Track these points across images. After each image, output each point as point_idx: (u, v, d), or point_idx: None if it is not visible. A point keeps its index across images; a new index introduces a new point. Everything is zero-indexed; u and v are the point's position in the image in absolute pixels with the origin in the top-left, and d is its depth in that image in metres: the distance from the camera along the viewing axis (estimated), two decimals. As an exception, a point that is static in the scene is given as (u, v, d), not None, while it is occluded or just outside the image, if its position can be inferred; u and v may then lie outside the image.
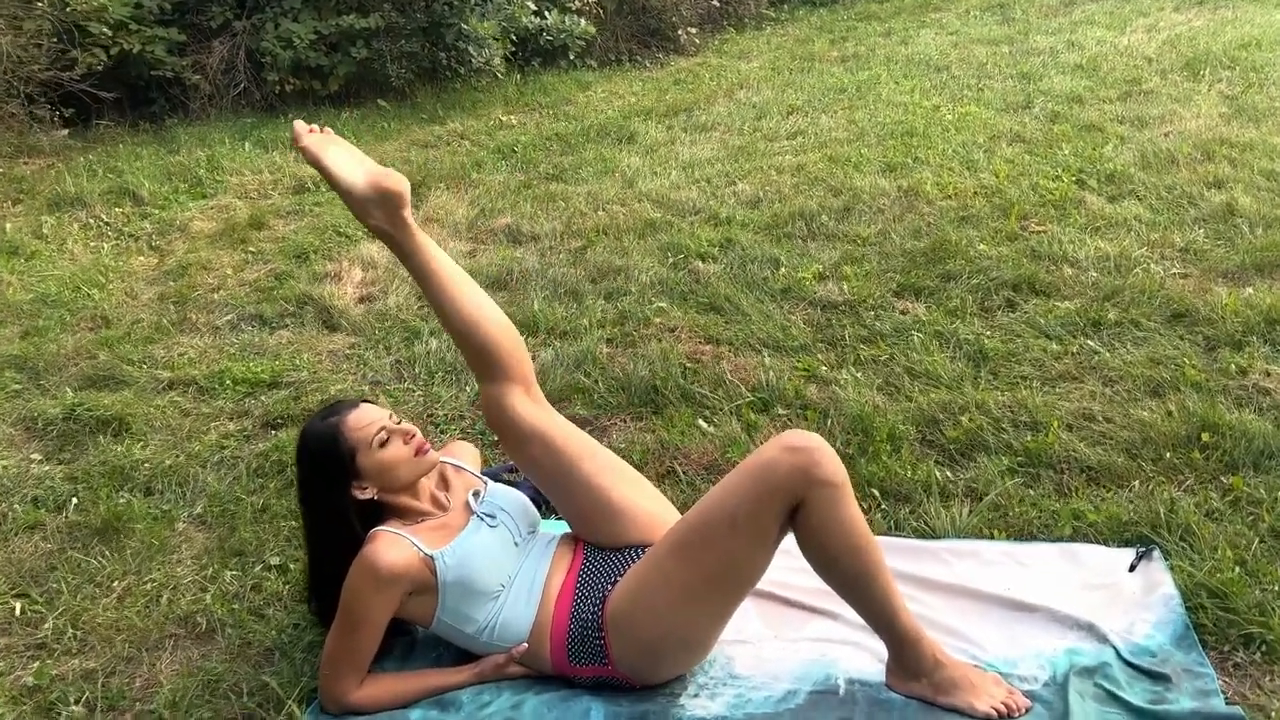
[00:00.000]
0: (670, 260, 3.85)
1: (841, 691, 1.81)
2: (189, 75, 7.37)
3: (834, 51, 8.19)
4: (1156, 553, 2.06)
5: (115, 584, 2.21)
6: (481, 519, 1.93)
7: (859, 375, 2.87)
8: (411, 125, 6.62)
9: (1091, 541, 2.12)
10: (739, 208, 4.41)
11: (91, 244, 4.53)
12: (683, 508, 2.25)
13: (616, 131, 6.02)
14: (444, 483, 2.06)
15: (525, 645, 1.85)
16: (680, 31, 8.89)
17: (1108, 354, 2.87)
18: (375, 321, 3.52)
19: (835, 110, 6.14)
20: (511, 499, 2.00)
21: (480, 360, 1.92)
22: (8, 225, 4.72)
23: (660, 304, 3.46)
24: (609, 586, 1.83)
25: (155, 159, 5.80)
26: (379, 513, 1.92)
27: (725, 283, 3.58)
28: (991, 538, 2.17)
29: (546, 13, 7.73)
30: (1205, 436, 2.40)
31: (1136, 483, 2.30)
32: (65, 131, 6.98)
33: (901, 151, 5.00)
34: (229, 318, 3.64)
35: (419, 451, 1.90)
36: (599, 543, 1.94)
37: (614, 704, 1.81)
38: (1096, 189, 4.16)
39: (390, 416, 1.93)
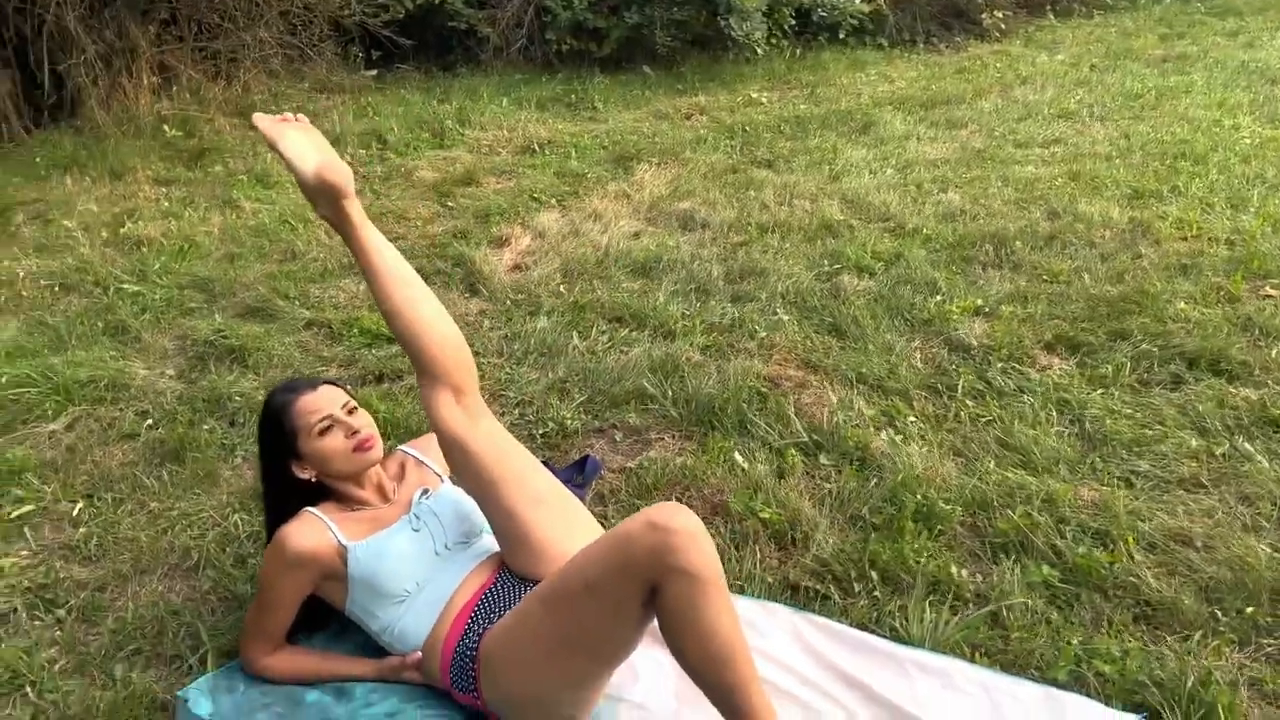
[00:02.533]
0: (821, 270, 3.60)
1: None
2: (482, 27, 7.84)
3: (1158, 49, 7.24)
4: (1153, 728, 1.67)
5: (153, 505, 2.44)
6: (408, 520, 1.92)
7: (942, 435, 2.54)
8: (662, 95, 6.64)
9: (1090, 694, 1.75)
10: (932, 220, 4.03)
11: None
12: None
13: (857, 120, 5.71)
14: (401, 473, 2.07)
15: (419, 655, 1.83)
16: (985, 15, 8.22)
17: (1264, 463, 2.34)
18: (511, 293, 3.58)
19: (1116, 118, 5.44)
20: (450, 505, 1.97)
21: (414, 358, 1.89)
22: (266, 155, 5.28)
23: (781, 316, 3.25)
24: (498, 617, 1.77)
25: (422, 105, 6.23)
26: (323, 491, 1.96)
27: (864, 303, 3.30)
28: (973, 659, 1.85)
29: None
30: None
31: (1197, 635, 1.87)
32: (373, 73, 7.68)
33: (1161, 177, 4.34)
34: (393, 268, 3.85)
35: (359, 448, 1.92)
36: (513, 568, 1.87)
37: (482, 733, 1.75)
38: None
39: (344, 406, 1.95)
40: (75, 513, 2.42)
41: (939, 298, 3.31)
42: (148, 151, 5.39)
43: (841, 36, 7.63)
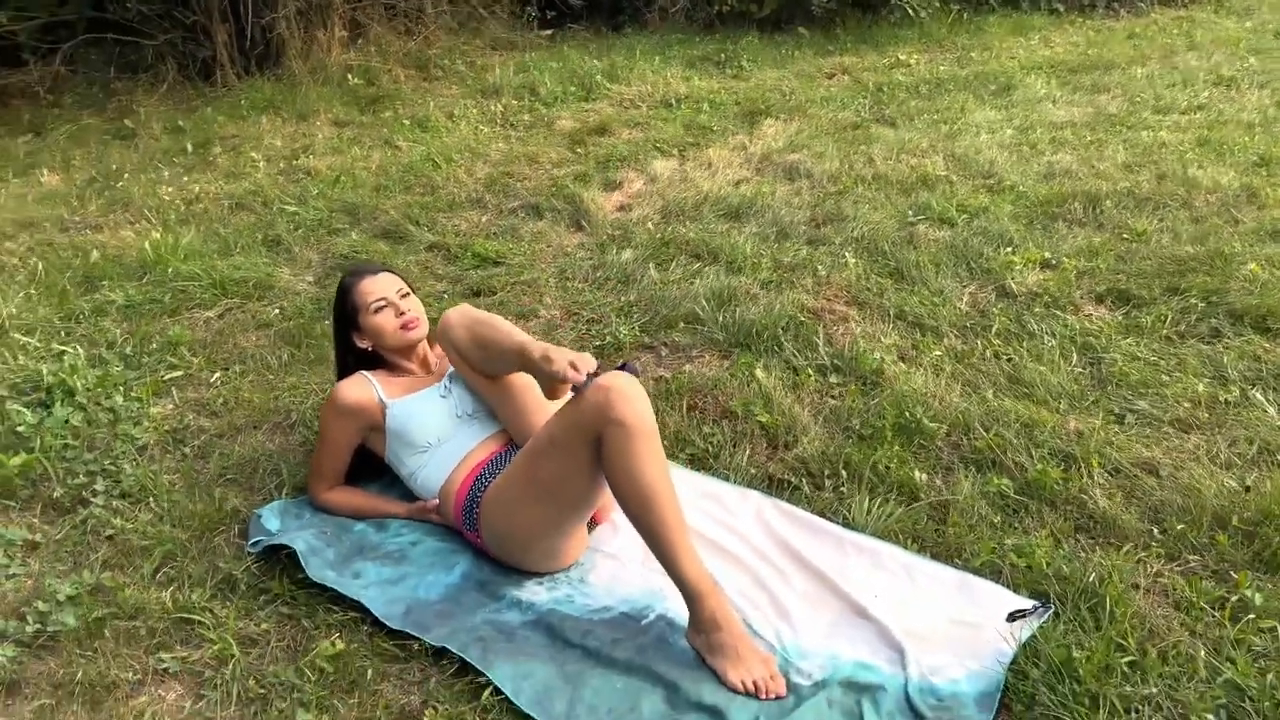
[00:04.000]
0: (904, 219, 3.75)
1: (644, 622, 1.94)
2: (648, -10, 8.16)
3: (1362, 16, 6.73)
4: (1048, 615, 1.84)
5: (270, 377, 2.94)
6: (440, 387, 2.31)
7: (958, 368, 2.71)
8: (810, 55, 6.78)
9: (1003, 583, 1.93)
10: (1031, 178, 4.08)
11: (477, 128, 5.46)
12: (671, 447, 2.43)
13: (997, 83, 5.69)
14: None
15: (437, 502, 2.22)
16: (1173, -23, 7.84)
17: (1271, 412, 2.39)
18: (609, 229, 3.93)
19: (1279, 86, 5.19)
20: (474, 382, 2.34)
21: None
22: (431, 103, 5.83)
23: (848, 258, 3.44)
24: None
25: (577, 62, 6.63)
26: (378, 359, 2.38)
27: (934, 251, 3.44)
28: (906, 546, 2.06)
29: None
30: (1265, 531, 1.98)
31: (1127, 546, 2.00)
32: (548, 33, 8.16)
33: (1296, 145, 4.19)
34: (514, 204, 4.28)
35: (404, 326, 2.31)
36: (517, 442, 2.21)
37: (478, 567, 2.12)
38: None
39: (398, 291, 2.36)
40: (213, 379, 2.95)
41: (1009, 249, 3.41)
42: (331, 97, 6.05)
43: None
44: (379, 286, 2.35)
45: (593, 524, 2.22)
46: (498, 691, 1.75)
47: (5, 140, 5.64)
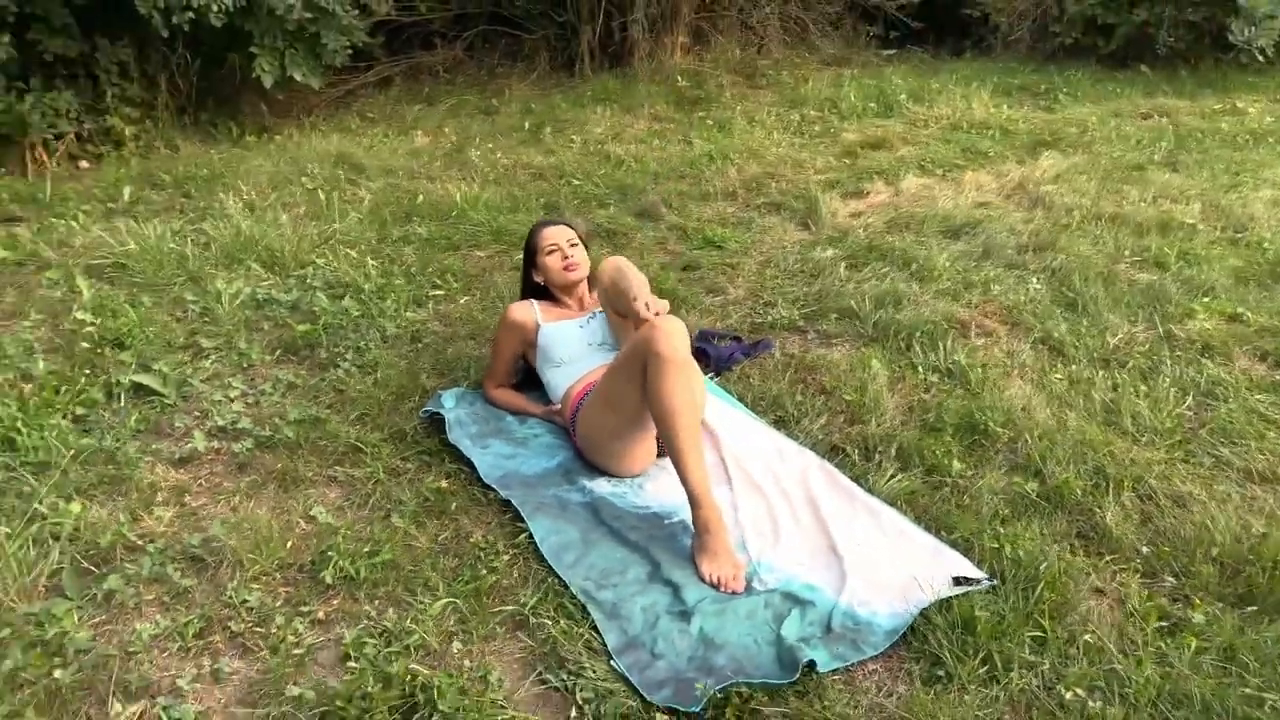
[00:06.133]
0: (1115, 257, 3.78)
1: (666, 521, 2.39)
2: (997, 16, 8.19)
3: None
4: (988, 586, 2.06)
5: (499, 305, 3.67)
6: (582, 320, 2.88)
7: (1065, 393, 2.83)
8: (1135, 94, 6.59)
9: (971, 557, 2.16)
10: (1232, 246, 3.88)
11: (770, 133, 5.97)
12: (767, 408, 2.84)
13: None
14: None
15: (557, 406, 2.80)
16: None
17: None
18: (830, 231, 4.29)
19: None
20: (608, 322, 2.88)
21: None
22: (739, 108, 6.43)
23: (1032, 284, 3.56)
24: (604, 390, 2.66)
25: (887, 81, 6.92)
26: (547, 292, 3.01)
27: (1124, 290, 3.48)
28: (905, 513, 2.33)
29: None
30: (1249, 570, 2.04)
31: (1110, 556, 2.14)
32: (890, 53, 8.47)
33: None
34: (761, 201, 4.76)
35: (565, 269, 2.91)
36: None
37: (571, 460, 2.67)
38: None
39: (569, 240, 2.96)
40: (460, 300, 3.75)
41: (1204, 299, 3.37)
42: (657, 95, 6.84)
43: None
44: (555, 235, 2.97)
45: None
46: (532, 538, 2.29)
47: (403, 106, 7.00)
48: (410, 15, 7.47)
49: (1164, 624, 1.95)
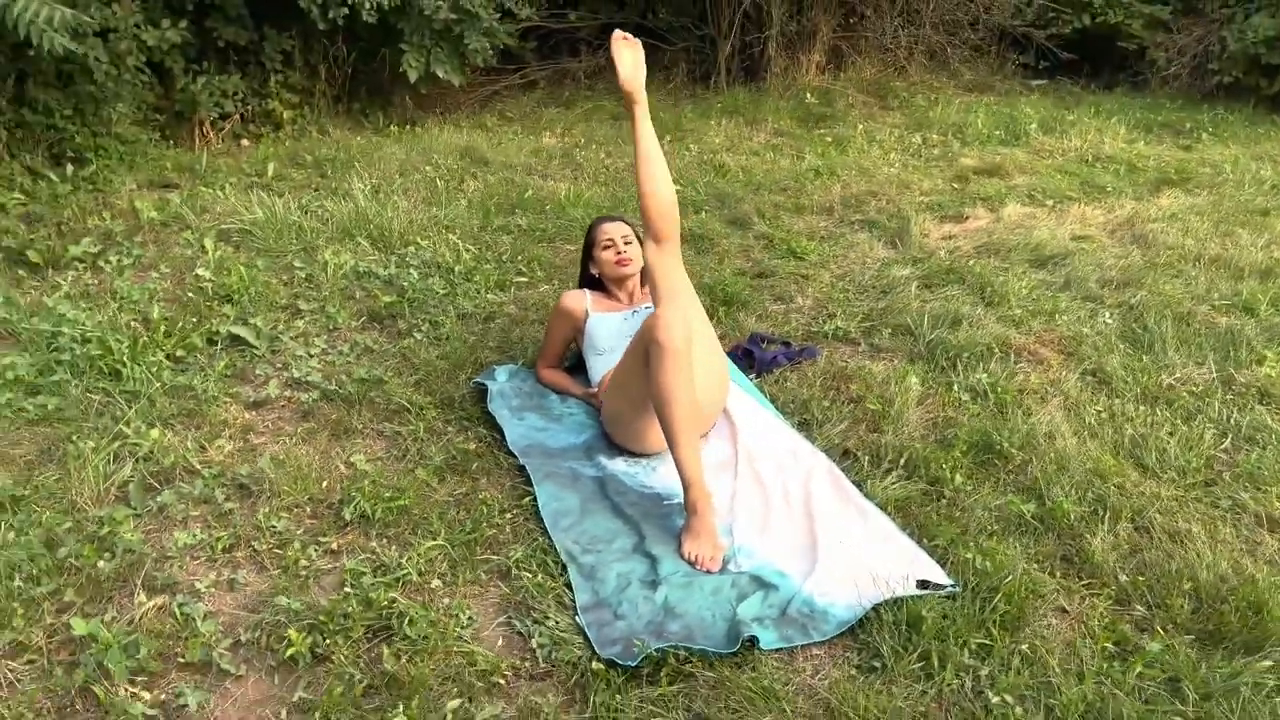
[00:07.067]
0: (1199, 299, 3.67)
1: (666, 502, 2.52)
2: (1154, 51, 7.89)
3: None
4: (950, 591, 2.10)
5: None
6: (628, 313, 3.04)
7: (1097, 426, 2.81)
8: (1288, 137, 6.21)
9: (944, 566, 2.20)
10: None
11: (886, 153, 5.98)
12: (795, 410, 2.93)
13: None
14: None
15: (595, 390, 2.97)
16: None
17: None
18: (917, 252, 4.30)
19: None
20: (655, 314, 3.02)
21: (642, 215, 2.93)
22: (861, 127, 6.45)
23: (1104, 317, 3.50)
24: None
25: (1018, 110, 6.79)
26: (601, 283, 3.18)
27: (1198, 331, 3.39)
28: (894, 518, 2.38)
29: None
30: (1221, 608, 2.01)
31: (1085, 581, 2.15)
32: (1039, 83, 8.28)
33: None
34: (856, 218, 4.80)
35: (617, 263, 3.08)
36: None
37: (597, 439, 2.84)
38: None
39: (623, 236, 3.13)
40: (541, 289, 3.97)
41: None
42: (784, 111, 6.93)
43: None
44: (611, 230, 3.15)
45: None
46: (536, 502, 2.47)
47: (541, 108, 7.34)
48: (559, 23, 7.81)
49: (1116, 647, 1.95)
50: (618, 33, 2.94)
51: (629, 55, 2.92)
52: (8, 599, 2.04)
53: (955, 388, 3.00)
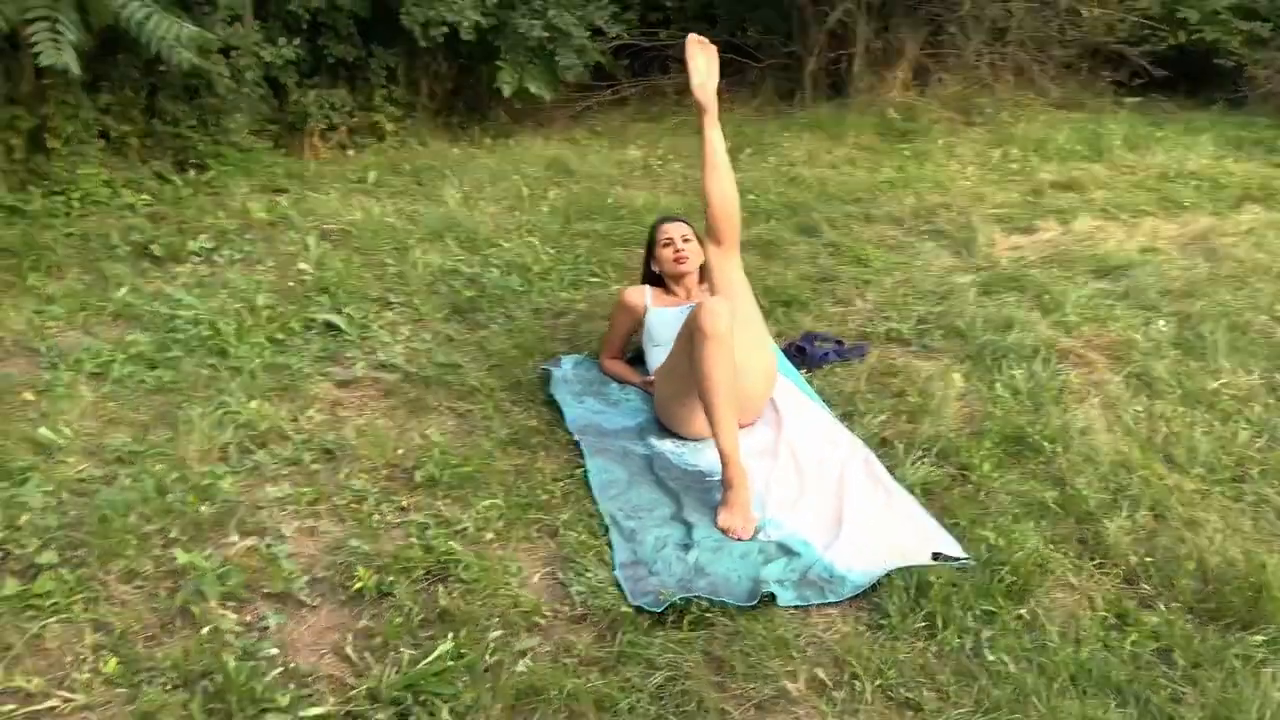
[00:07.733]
0: (1260, 311, 3.69)
1: (708, 479, 2.70)
2: (1254, 67, 7.75)
3: None
4: (963, 565, 2.24)
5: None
6: (685, 308, 3.24)
7: (1134, 424, 2.89)
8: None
9: (962, 544, 2.33)
10: None
11: (964, 167, 6.05)
12: (841, 403, 3.10)
13: None
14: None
15: (652, 378, 3.18)
16: None
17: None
18: (982, 261, 4.40)
19: None
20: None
21: (706, 217, 3.12)
22: (942, 141, 6.54)
23: (1158, 324, 3.56)
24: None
25: (1103, 127, 6.77)
26: (661, 280, 3.40)
27: (1256, 341, 3.43)
28: (920, 499, 2.52)
29: None
30: (1223, 590, 2.10)
31: (1096, 560, 2.26)
32: (1135, 100, 8.19)
33: None
34: (925, 228, 4.89)
35: (675, 260, 3.29)
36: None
37: (650, 423, 3.05)
38: None
39: (683, 235, 3.34)
40: (613, 288, 4.20)
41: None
42: (866, 126, 7.04)
43: None
44: (671, 230, 3.36)
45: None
46: (587, 474, 2.69)
47: (630, 123, 7.61)
48: (650, 40, 8.09)
49: (1117, 619, 2.07)
50: (693, 36, 3.09)
51: (703, 61, 3.08)
52: (123, 533, 2.35)
53: (998, 386, 3.11)
